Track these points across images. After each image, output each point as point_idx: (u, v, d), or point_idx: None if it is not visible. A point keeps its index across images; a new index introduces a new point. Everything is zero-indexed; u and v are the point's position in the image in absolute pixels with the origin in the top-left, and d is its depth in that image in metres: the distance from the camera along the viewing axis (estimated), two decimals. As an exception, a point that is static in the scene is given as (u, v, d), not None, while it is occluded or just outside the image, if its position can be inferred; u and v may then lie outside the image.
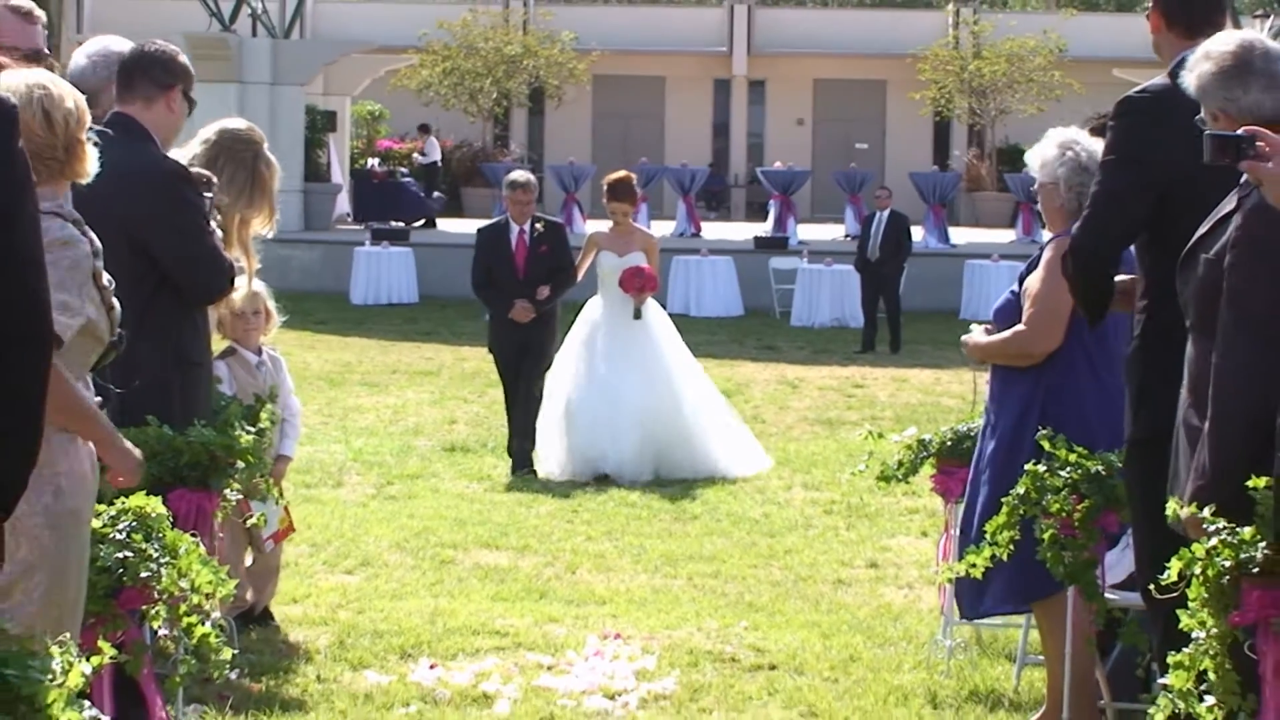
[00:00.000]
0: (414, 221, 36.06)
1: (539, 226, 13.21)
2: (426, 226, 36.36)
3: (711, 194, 46.93)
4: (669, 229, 35.36)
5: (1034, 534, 6.33)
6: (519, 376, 13.13)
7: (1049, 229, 6.95)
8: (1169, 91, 5.41)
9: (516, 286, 13.04)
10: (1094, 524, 6.23)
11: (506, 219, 13.40)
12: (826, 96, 49.14)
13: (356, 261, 28.49)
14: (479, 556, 10.14)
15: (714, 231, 36.23)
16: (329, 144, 35.92)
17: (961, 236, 35.49)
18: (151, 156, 6.43)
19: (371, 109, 43.68)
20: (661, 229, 33.45)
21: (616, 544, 10.56)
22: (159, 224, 6.37)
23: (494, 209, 32.36)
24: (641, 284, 13.04)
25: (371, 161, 39.93)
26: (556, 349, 13.20)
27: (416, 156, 40.65)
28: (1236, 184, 4.87)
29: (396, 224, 33.88)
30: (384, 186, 37.68)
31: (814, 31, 48.28)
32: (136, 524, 5.11)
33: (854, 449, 13.06)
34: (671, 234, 34.61)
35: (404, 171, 39.06)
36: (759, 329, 25.61)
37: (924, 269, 27.01)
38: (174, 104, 6.53)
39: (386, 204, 36.71)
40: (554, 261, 13.08)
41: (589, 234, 13.90)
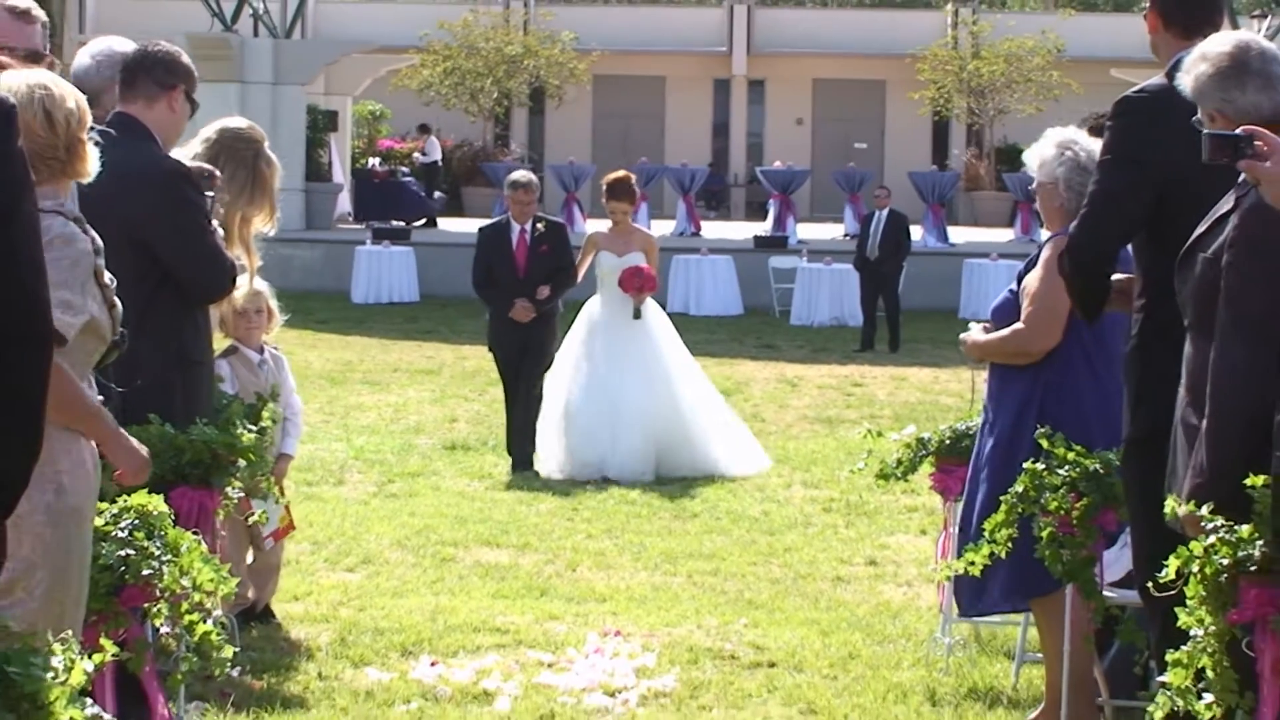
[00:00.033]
0: (415, 221, 36.06)
1: (540, 226, 13.21)
2: (427, 226, 36.36)
3: (711, 193, 46.90)
4: (669, 228, 35.35)
5: (1033, 532, 6.34)
6: (519, 376, 13.14)
7: (1047, 228, 6.95)
8: (1166, 91, 5.39)
9: (517, 286, 13.04)
10: (1092, 522, 6.23)
11: (508, 218, 13.40)
12: (826, 96, 49.13)
13: (357, 261, 28.49)
14: (480, 554, 10.16)
15: (714, 231, 36.22)
16: (330, 144, 35.92)
17: (960, 236, 35.49)
18: (153, 156, 6.43)
19: (373, 109, 43.66)
20: (661, 228, 33.45)
21: (616, 542, 10.57)
22: (160, 223, 6.37)
23: (494, 208, 32.36)
24: (641, 284, 13.03)
25: (372, 161, 39.92)
26: (557, 348, 13.20)
27: (417, 156, 40.63)
28: (1234, 184, 4.88)
29: (397, 223, 33.88)
30: (385, 186, 37.68)
31: (813, 31, 48.26)
32: (138, 522, 5.11)
33: (853, 447, 13.07)
34: (671, 233, 34.61)
35: (405, 171, 39.05)
36: (758, 328, 25.61)
37: (923, 268, 27.01)
38: (176, 104, 6.54)
39: (387, 203, 36.72)
40: (555, 261, 13.08)
41: (588, 234, 13.90)
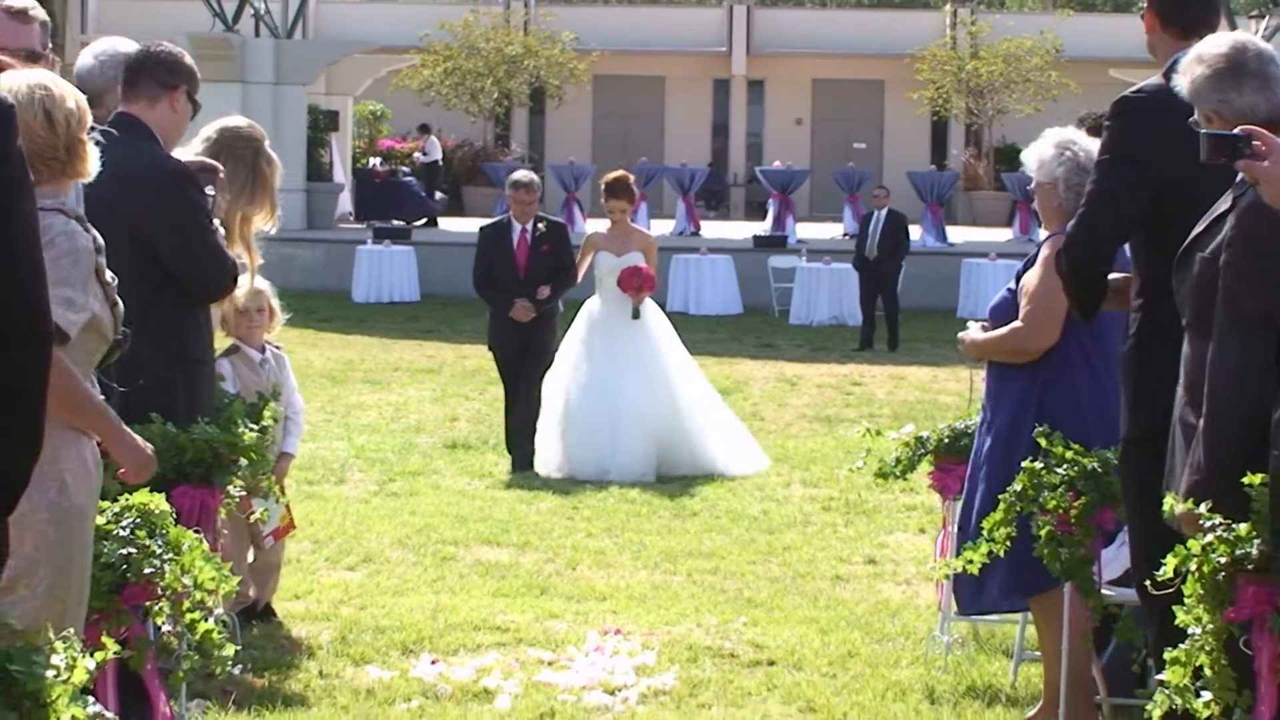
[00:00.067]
0: (416, 220, 36.08)
1: (541, 226, 13.21)
2: (428, 225, 36.38)
3: (711, 193, 46.93)
4: (669, 228, 35.37)
5: (1031, 530, 6.35)
6: (519, 376, 13.14)
7: (1045, 227, 6.94)
8: (1164, 92, 5.38)
9: (517, 285, 13.05)
10: (1090, 521, 6.23)
11: (509, 218, 13.41)
12: (825, 96, 49.13)
13: (358, 260, 28.50)
14: (480, 553, 10.17)
15: (713, 230, 36.23)
16: (331, 143, 35.94)
17: (959, 235, 35.51)
18: (154, 156, 6.45)
19: (373, 109, 43.66)
20: (661, 228, 33.49)
21: (616, 540, 10.58)
22: (162, 223, 6.38)
23: (495, 208, 32.38)
24: (639, 284, 13.03)
25: (373, 161, 39.93)
26: (557, 348, 13.21)
27: (418, 156, 40.65)
28: (1232, 184, 4.89)
29: (398, 223, 33.90)
30: (386, 186, 37.70)
31: (812, 32, 48.26)
32: (140, 521, 5.11)
33: (852, 446, 13.08)
34: (671, 233, 34.62)
35: (406, 171, 39.06)
36: (758, 327, 25.62)
37: (922, 267, 27.01)
38: (177, 104, 6.55)
39: (388, 203, 36.74)
40: (555, 261, 13.09)
41: (587, 235, 13.91)
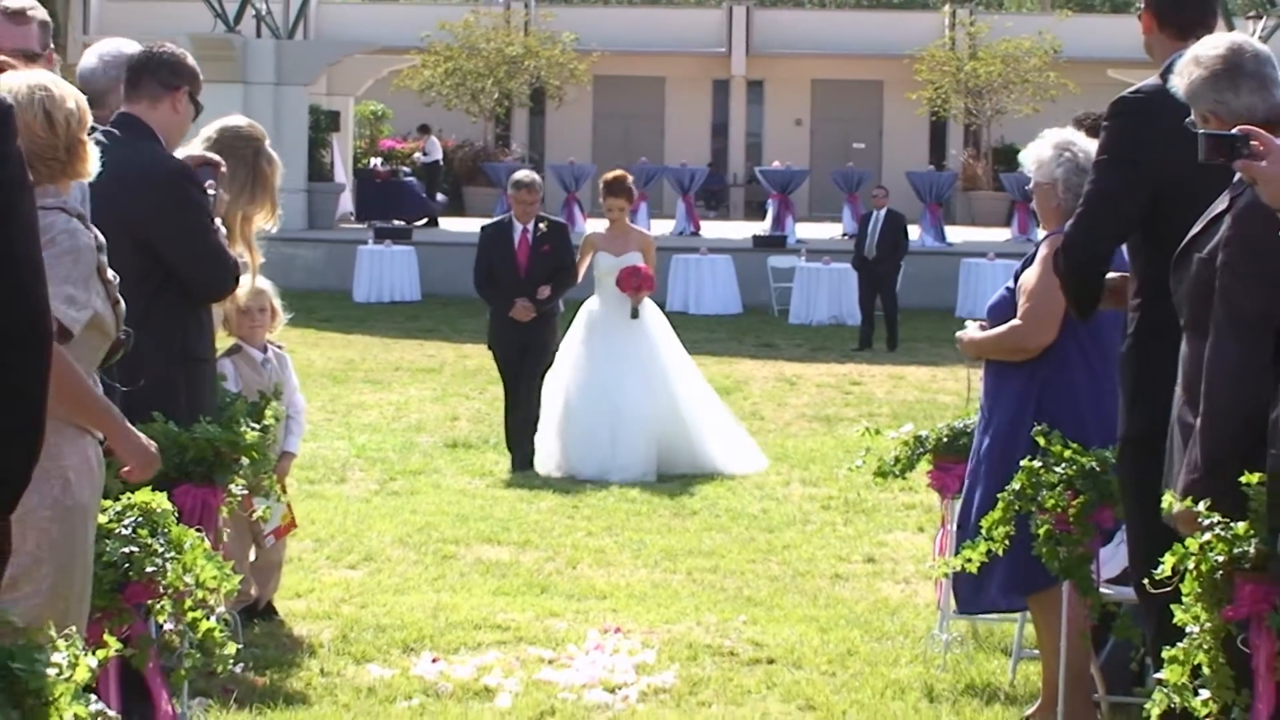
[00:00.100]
0: (416, 220, 36.10)
1: (542, 226, 13.21)
2: (429, 225, 36.39)
3: (710, 193, 46.93)
4: (668, 228, 35.39)
5: (1030, 529, 6.37)
6: (520, 375, 13.16)
7: (1044, 227, 6.93)
8: (1162, 92, 5.38)
9: (518, 285, 13.06)
10: (1089, 519, 6.24)
11: (510, 217, 13.42)
12: (824, 97, 49.14)
13: (359, 260, 28.52)
14: (480, 551, 10.19)
15: (713, 230, 36.25)
16: (332, 144, 35.96)
17: (958, 235, 35.55)
18: (156, 156, 6.46)
19: (374, 109, 43.66)
20: (661, 228, 33.51)
21: (617, 539, 10.59)
22: (163, 222, 6.40)
23: (495, 208, 32.40)
24: (638, 283, 13.04)
25: (374, 161, 39.93)
26: (557, 348, 13.23)
27: (418, 156, 40.66)
28: (1229, 184, 4.91)
29: (399, 223, 33.92)
30: (387, 186, 37.72)
31: (812, 32, 48.25)
32: (142, 519, 5.13)
33: (851, 445, 13.08)
34: (671, 233, 34.65)
35: (406, 171, 39.07)
36: (757, 327, 25.64)
37: (920, 267, 27.01)
38: (179, 105, 6.57)
39: (389, 203, 36.75)
40: (556, 261, 13.10)
41: (585, 235, 13.92)
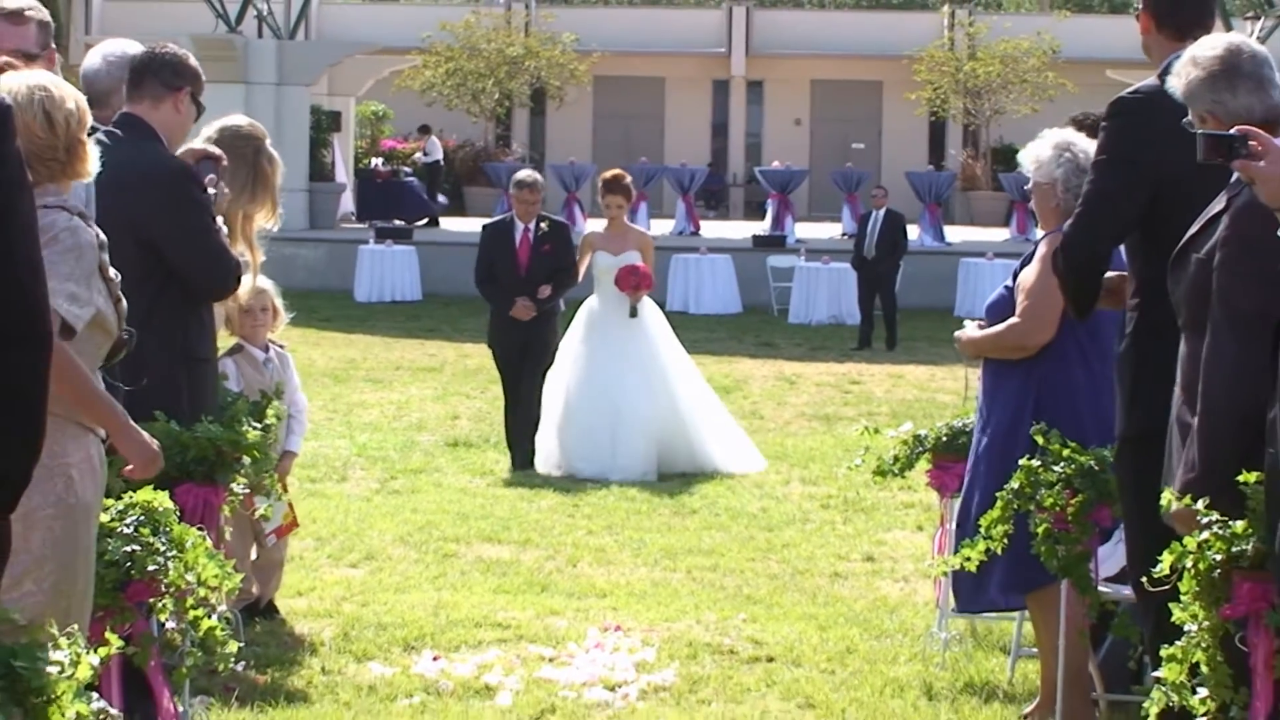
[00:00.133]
0: (417, 220, 36.11)
1: (544, 226, 13.22)
2: (430, 225, 36.40)
3: (710, 193, 46.95)
4: (668, 228, 35.42)
5: (1029, 528, 6.39)
6: (520, 375, 13.17)
7: (1042, 227, 6.93)
8: (1160, 93, 5.39)
9: (518, 284, 13.07)
10: (1087, 518, 6.25)
11: (511, 216, 13.42)
12: (824, 97, 49.15)
13: (361, 260, 28.54)
14: (481, 550, 10.20)
15: (713, 230, 36.27)
16: (334, 144, 35.97)
17: (956, 235, 35.58)
18: (158, 156, 6.48)
19: (375, 109, 43.67)
20: (661, 228, 33.54)
21: (617, 538, 10.61)
22: (165, 222, 6.42)
23: (496, 208, 32.41)
24: (637, 282, 13.04)
25: (375, 161, 39.94)
26: (558, 347, 13.23)
27: (419, 156, 40.68)
28: (1227, 184, 4.93)
29: (400, 223, 33.93)
30: (388, 186, 37.73)
31: (811, 33, 48.26)
32: (144, 518, 5.13)
33: (850, 444, 13.09)
34: (671, 232, 34.68)
35: (407, 171, 39.09)
36: (757, 326, 25.66)
37: (919, 267, 27.03)
38: (181, 105, 6.59)
39: (390, 203, 36.76)
40: (557, 261, 13.10)
41: (584, 235, 13.94)
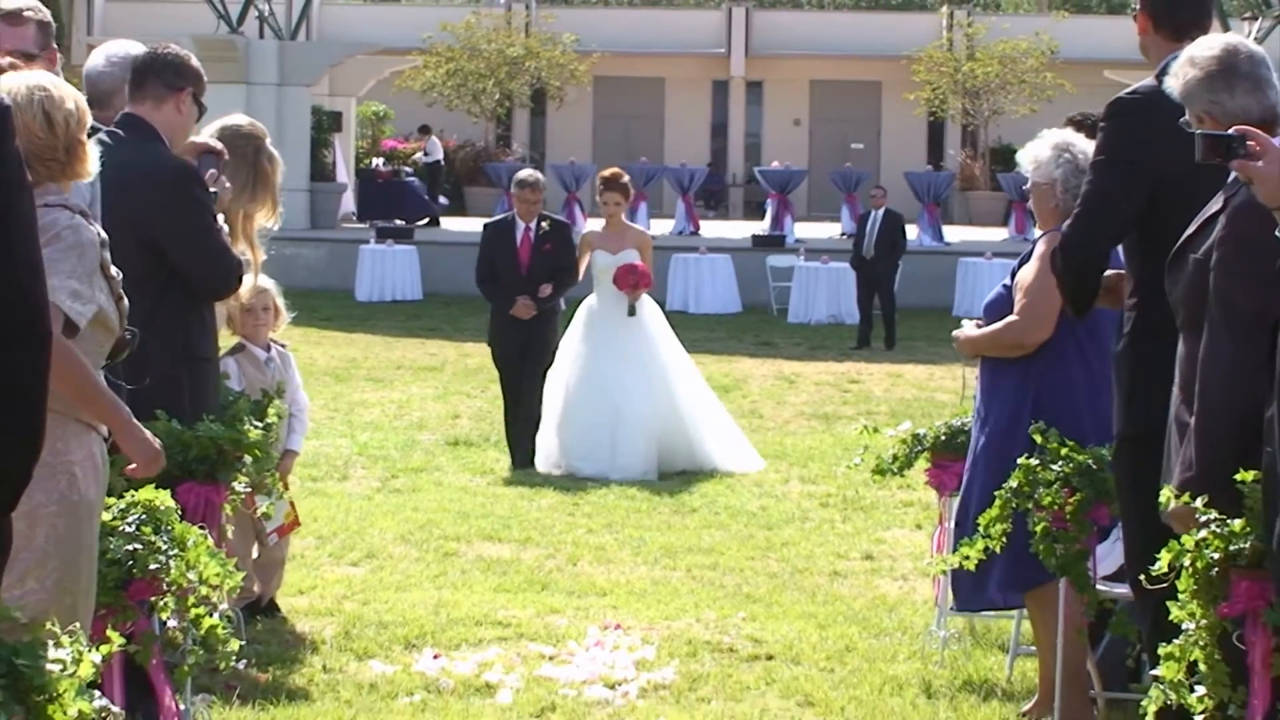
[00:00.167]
0: (418, 220, 36.12)
1: (545, 225, 13.23)
2: (430, 225, 36.41)
3: (710, 193, 46.95)
4: (668, 227, 35.44)
5: (1027, 526, 6.40)
6: (520, 374, 13.19)
7: (1040, 227, 6.93)
8: (1158, 93, 5.40)
9: (519, 283, 13.09)
10: (1085, 517, 6.26)
11: (513, 215, 13.44)
12: (823, 97, 49.16)
13: (361, 259, 28.55)
14: (482, 549, 10.21)
15: (712, 230, 36.29)
16: (334, 144, 35.98)
17: (955, 235, 35.60)
18: (160, 156, 6.49)
19: (376, 109, 43.67)
20: (661, 227, 33.57)
21: (617, 536, 10.62)
22: (167, 222, 6.43)
23: (496, 208, 32.42)
24: (636, 281, 13.05)
25: (376, 161, 39.95)
26: (558, 346, 13.24)
27: (420, 156, 40.69)
28: (1224, 184, 4.95)
29: (400, 223, 33.94)
30: (388, 186, 37.74)
31: (810, 33, 48.27)
32: (146, 517, 5.13)
33: (850, 443, 13.10)
34: (670, 232, 34.70)
35: (408, 171, 39.10)
36: (757, 325, 25.67)
37: (918, 267, 27.03)
38: (183, 106, 6.60)
39: (391, 203, 36.77)
40: (557, 261, 13.11)
41: (582, 234, 13.95)
